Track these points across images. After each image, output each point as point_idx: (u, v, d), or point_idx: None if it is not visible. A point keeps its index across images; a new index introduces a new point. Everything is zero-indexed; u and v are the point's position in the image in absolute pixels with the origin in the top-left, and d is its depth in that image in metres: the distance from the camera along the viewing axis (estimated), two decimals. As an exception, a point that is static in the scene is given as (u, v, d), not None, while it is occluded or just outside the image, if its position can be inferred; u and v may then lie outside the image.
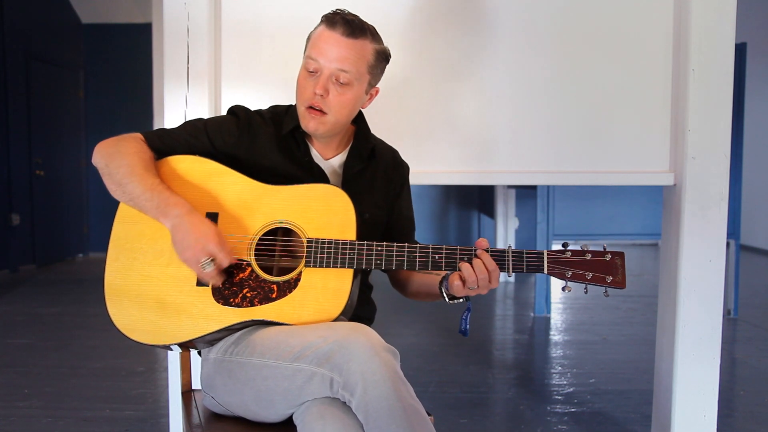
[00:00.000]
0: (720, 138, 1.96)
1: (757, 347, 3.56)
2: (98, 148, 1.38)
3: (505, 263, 1.30)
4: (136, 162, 1.34)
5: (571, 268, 1.30)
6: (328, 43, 1.35)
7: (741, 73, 3.88)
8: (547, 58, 2.01)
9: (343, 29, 1.35)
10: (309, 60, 1.37)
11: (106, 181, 1.36)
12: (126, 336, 1.34)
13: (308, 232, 1.32)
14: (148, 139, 1.41)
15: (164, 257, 1.33)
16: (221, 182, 1.38)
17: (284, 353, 1.21)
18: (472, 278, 1.28)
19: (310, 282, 1.30)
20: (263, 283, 1.31)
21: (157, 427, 2.44)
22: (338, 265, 1.29)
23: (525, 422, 2.50)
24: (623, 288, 1.29)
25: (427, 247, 1.31)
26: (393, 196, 1.55)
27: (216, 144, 1.43)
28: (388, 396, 1.12)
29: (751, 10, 6.27)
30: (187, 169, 1.40)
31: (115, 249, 1.37)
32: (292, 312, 1.29)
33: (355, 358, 1.14)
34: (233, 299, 1.31)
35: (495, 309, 4.63)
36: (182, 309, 1.32)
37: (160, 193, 1.31)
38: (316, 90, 1.36)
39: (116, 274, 1.36)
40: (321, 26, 1.38)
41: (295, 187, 1.36)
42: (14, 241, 6.05)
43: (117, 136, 1.40)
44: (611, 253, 1.30)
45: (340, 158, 1.49)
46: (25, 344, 3.58)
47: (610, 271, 1.29)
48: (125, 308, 1.34)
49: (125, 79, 6.97)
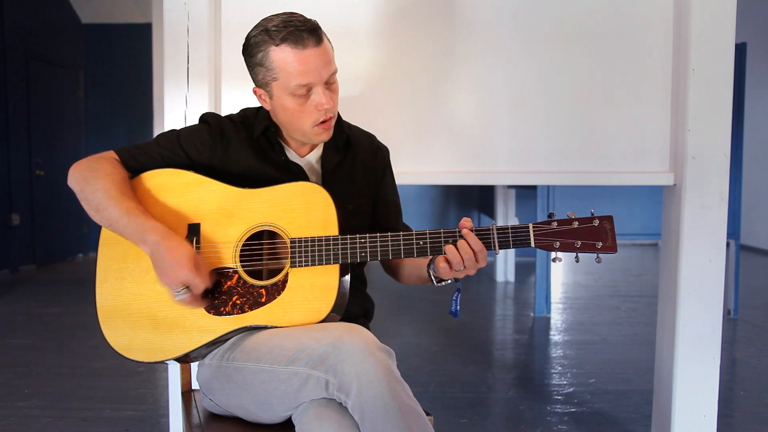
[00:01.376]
0: (720, 138, 1.96)
1: (757, 347, 3.56)
2: (72, 171, 1.36)
3: (491, 241, 1.27)
4: (110, 185, 1.32)
5: (558, 238, 1.26)
6: (308, 62, 1.30)
7: (741, 73, 3.87)
8: (547, 58, 2.01)
9: (313, 41, 1.30)
10: (298, 87, 1.31)
11: (83, 205, 1.34)
12: (123, 356, 1.34)
13: (291, 232, 1.31)
14: (122, 158, 1.40)
15: (151, 274, 1.32)
16: (200, 192, 1.37)
17: (279, 357, 1.21)
18: (457, 259, 1.26)
19: (298, 282, 1.29)
20: (251, 289, 1.31)
21: (157, 427, 2.44)
22: (323, 262, 1.28)
23: (525, 422, 2.50)
24: (615, 252, 1.26)
25: (411, 234, 1.29)
26: (375, 182, 1.53)
27: (191, 154, 1.42)
28: (383, 395, 1.12)
29: (751, 10, 6.27)
30: (164, 184, 1.39)
31: (103, 271, 1.37)
32: (283, 314, 1.28)
33: (349, 359, 1.14)
34: (224, 308, 1.31)
35: (495, 309, 4.63)
36: (175, 323, 1.32)
37: (136, 217, 1.29)
38: (326, 106, 1.33)
39: (107, 296, 1.36)
40: (286, 48, 1.29)
41: (274, 189, 1.35)
42: (14, 241, 6.05)
43: (90, 157, 1.39)
44: (599, 218, 1.26)
45: (315, 153, 1.47)
46: (25, 344, 3.58)
47: (599, 237, 1.26)
48: (119, 329, 1.35)
49: (125, 79, 6.97)
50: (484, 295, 5.07)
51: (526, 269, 5.86)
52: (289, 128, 1.40)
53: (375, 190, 1.53)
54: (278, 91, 1.34)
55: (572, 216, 1.27)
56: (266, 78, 1.34)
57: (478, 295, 5.04)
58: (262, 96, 1.40)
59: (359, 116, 1.75)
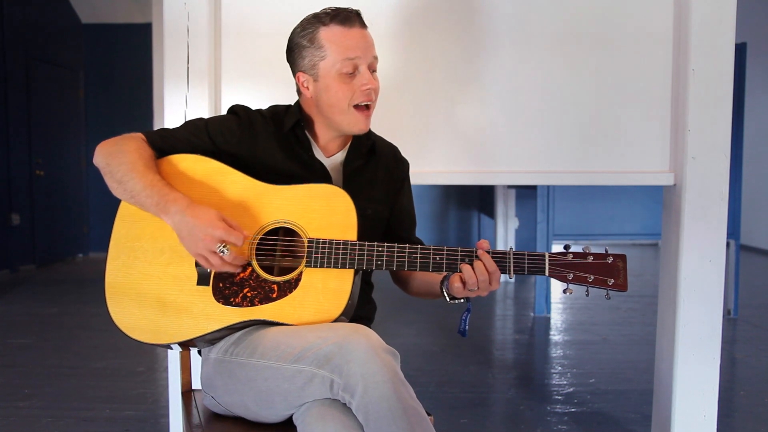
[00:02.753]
0: (720, 138, 1.96)
1: (757, 347, 3.56)
2: (99, 148, 1.38)
3: (506, 265, 1.30)
4: (136, 159, 1.34)
5: (572, 270, 1.29)
6: (356, 39, 1.36)
7: (741, 73, 3.87)
8: (547, 58, 2.01)
9: (359, 22, 1.38)
10: (346, 62, 1.35)
11: (107, 179, 1.35)
12: (126, 335, 1.33)
13: (309, 232, 1.32)
14: (150, 138, 1.41)
15: (165, 256, 1.33)
16: (222, 181, 1.38)
17: (285, 354, 1.21)
18: (473, 280, 1.29)
19: (311, 282, 1.30)
20: (264, 283, 1.31)
21: (157, 427, 2.44)
22: (339, 265, 1.29)
23: (525, 422, 2.50)
24: (624, 291, 1.29)
25: (428, 248, 1.31)
26: (394, 191, 1.55)
27: (217, 143, 1.43)
28: (389, 397, 1.12)
29: (751, 10, 6.27)
30: (188, 168, 1.39)
31: (116, 247, 1.37)
32: (293, 312, 1.28)
33: (355, 360, 1.14)
34: (234, 299, 1.31)
35: (495, 309, 4.63)
36: (183, 308, 1.32)
37: (159, 189, 1.30)
38: (370, 85, 1.37)
39: (117, 273, 1.36)
40: (335, 26, 1.36)
41: (297, 187, 1.36)
42: (14, 241, 6.05)
43: (118, 136, 1.40)
44: (613, 256, 1.30)
45: (341, 155, 1.49)
46: (25, 344, 3.58)
47: (611, 274, 1.29)
48: (126, 307, 1.34)
49: (125, 79, 6.97)
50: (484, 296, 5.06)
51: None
52: (331, 112, 1.41)
53: (393, 199, 1.55)
54: (325, 70, 1.37)
55: (587, 250, 1.30)
56: (314, 59, 1.38)
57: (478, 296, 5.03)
58: (305, 82, 1.41)
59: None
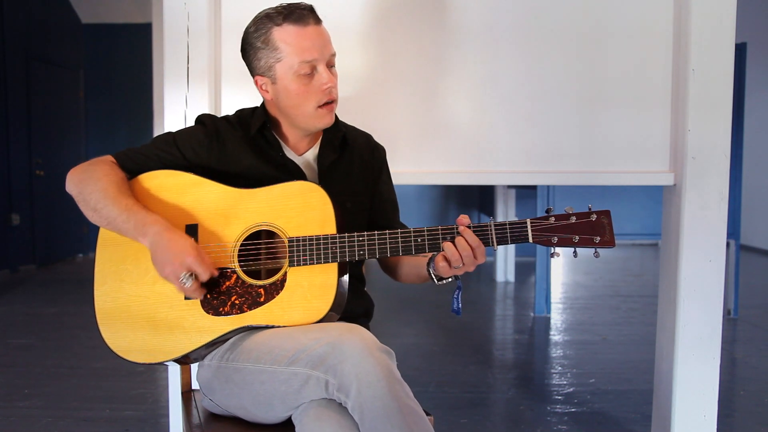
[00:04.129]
0: (720, 138, 1.95)
1: (757, 347, 3.56)
2: (70, 176, 1.38)
3: (488, 237, 1.27)
4: (108, 184, 1.33)
5: (556, 233, 1.26)
6: (311, 38, 1.34)
7: (741, 73, 3.87)
8: (547, 58, 2.01)
9: (313, 19, 1.35)
10: (303, 64, 1.33)
11: (81, 207, 1.35)
12: (123, 358, 1.34)
13: (289, 232, 1.31)
14: (119, 160, 1.41)
15: (150, 275, 1.33)
16: (196, 193, 1.37)
17: (279, 358, 1.21)
18: (456, 256, 1.26)
19: (296, 281, 1.29)
20: (250, 288, 1.31)
21: (157, 427, 2.44)
22: (322, 260, 1.29)
23: (525, 422, 2.50)
24: (613, 246, 1.25)
25: (409, 231, 1.29)
26: (372, 180, 1.53)
27: (187, 155, 1.42)
28: (383, 396, 1.12)
29: (751, 10, 6.27)
30: (161, 185, 1.39)
31: (101, 273, 1.38)
32: (282, 313, 1.28)
33: (349, 359, 1.14)
34: (222, 308, 1.31)
35: (495, 309, 4.63)
36: (174, 324, 1.32)
37: (135, 213, 1.30)
38: (329, 83, 1.36)
39: (105, 298, 1.36)
40: (288, 26, 1.33)
41: (271, 188, 1.35)
42: (14, 241, 6.05)
43: (87, 162, 1.40)
44: (596, 213, 1.26)
45: (312, 151, 1.48)
46: (25, 344, 3.58)
47: (597, 232, 1.26)
48: (118, 331, 1.34)
49: (125, 79, 6.97)
50: (484, 295, 5.06)
51: (526, 269, 5.86)
52: (292, 113, 1.40)
53: (372, 188, 1.53)
54: (282, 72, 1.35)
55: (570, 211, 1.27)
56: (269, 61, 1.35)
57: (478, 295, 5.04)
58: (263, 85, 1.40)
59: (359, 117, 1.75)
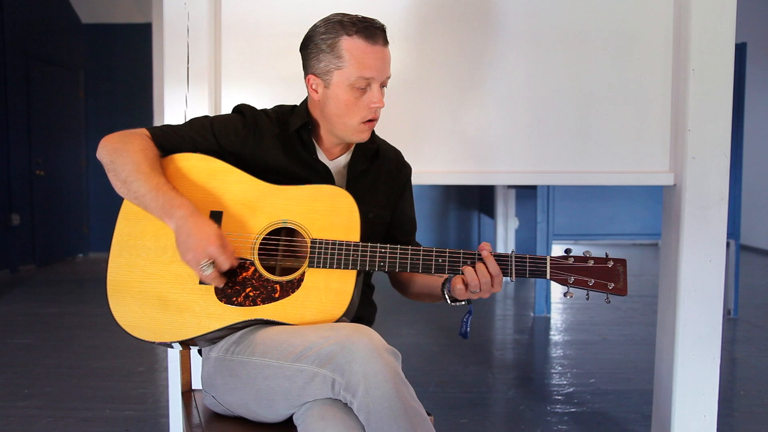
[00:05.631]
0: (720, 138, 1.95)
1: (757, 347, 3.56)
2: (103, 143, 1.37)
3: (508, 268, 1.30)
4: (141, 160, 1.33)
5: (573, 274, 1.30)
6: (376, 58, 1.35)
7: (741, 73, 3.88)
8: (547, 58, 2.01)
9: (382, 39, 1.37)
10: (360, 79, 1.35)
11: (110, 176, 1.35)
12: (128, 333, 1.33)
13: (312, 233, 1.32)
14: (154, 136, 1.41)
15: (167, 255, 1.33)
16: (226, 181, 1.38)
17: (286, 353, 1.21)
18: (475, 282, 1.29)
19: (314, 282, 1.30)
20: (266, 283, 1.31)
21: (157, 427, 2.44)
22: (341, 266, 1.29)
23: (525, 422, 2.50)
24: (624, 295, 1.30)
25: (431, 250, 1.31)
26: (396, 195, 1.55)
27: (222, 142, 1.43)
28: (390, 397, 1.12)
29: (751, 10, 6.27)
30: (192, 168, 1.39)
31: (118, 246, 1.37)
32: (295, 312, 1.29)
33: (357, 359, 1.14)
34: (236, 298, 1.31)
35: (495, 309, 4.63)
36: (185, 307, 1.32)
37: (165, 193, 1.30)
38: (379, 104, 1.37)
39: (119, 271, 1.35)
40: (358, 39, 1.34)
41: (300, 188, 1.36)
42: (14, 241, 6.05)
43: (123, 132, 1.39)
44: (613, 260, 1.31)
45: (344, 158, 1.49)
46: (25, 344, 3.58)
47: (611, 278, 1.30)
48: (127, 305, 1.34)
49: (125, 79, 6.97)
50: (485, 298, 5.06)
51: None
52: (335, 121, 1.40)
53: (394, 202, 1.55)
54: (338, 79, 1.36)
55: (588, 254, 1.31)
56: (330, 66, 1.36)
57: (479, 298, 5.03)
58: (315, 86, 1.40)
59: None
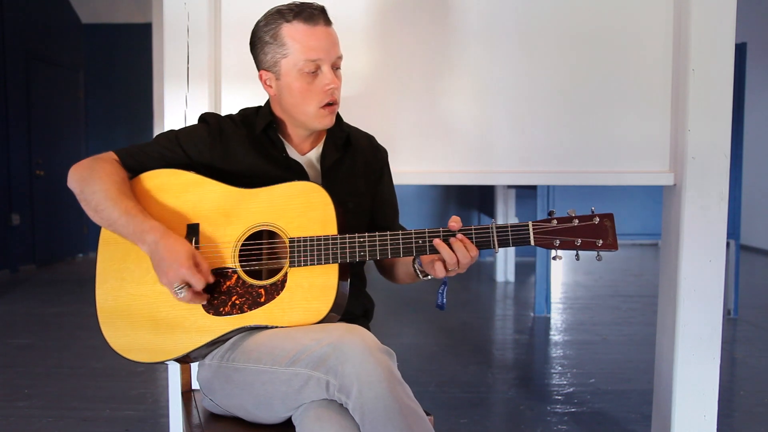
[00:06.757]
0: (720, 138, 1.95)
1: (757, 347, 3.56)
2: (71, 173, 1.37)
3: (490, 239, 1.27)
4: (110, 186, 1.32)
5: (558, 236, 1.25)
6: (319, 39, 1.35)
7: (741, 73, 3.87)
8: (547, 58, 2.01)
9: (323, 20, 1.36)
10: (308, 63, 1.34)
11: (83, 206, 1.35)
12: (124, 357, 1.34)
13: (290, 232, 1.31)
14: (121, 159, 1.40)
15: (151, 274, 1.32)
16: (198, 192, 1.37)
17: (280, 358, 1.21)
18: (453, 260, 1.27)
19: (297, 282, 1.29)
20: (250, 289, 1.31)
21: (157, 427, 2.44)
22: (323, 261, 1.28)
23: (525, 422, 2.50)
24: (615, 249, 1.24)
25: (410, 233, 1.29)
26: (374, 181, 1.54)
27: (190, 153, 1.42)
28: (384, 396, 1.12)
29: (751, 10, 6.27)
30: (163, 184, 1.39)
31: (103, 272, 1.37)
32: (282, 314, 1.28)
33: (350, 360, 1.14)
34: (223, 308, 1.31)
35: (495, 309, 4.63)
36: (175, 324, 1.32)
37: (134, 217, 1.30)
38: (333, 84, 1.36)
39: (107, 297, 1.36)
40: (298, 24, 1.34)
41: (272, 188, 1.35)
42: (14, 241, 6.05)
43: (90, 158, 1.39)
44: (599, 216, 1.25)
45: (316, 151, 1.48)
46: (25, 344, 3.58)
47: (599, 235, 1.25)
48: (120, 329, 1.35)
49: (125, 79, 6.97)
50: (484, 295, 5.07)
51: (526, 269, 5.86)
52: (294, 112, 1.40)
53: (374, 189, 1.53)
54: (287, 68, 1.36)
55: (572, 214, 1.26)
56: (276, 56, 1.36)
57: (478, 295, 5.04)
58: (267, 80, 1.41)
59: (359, 116, 1.75)
